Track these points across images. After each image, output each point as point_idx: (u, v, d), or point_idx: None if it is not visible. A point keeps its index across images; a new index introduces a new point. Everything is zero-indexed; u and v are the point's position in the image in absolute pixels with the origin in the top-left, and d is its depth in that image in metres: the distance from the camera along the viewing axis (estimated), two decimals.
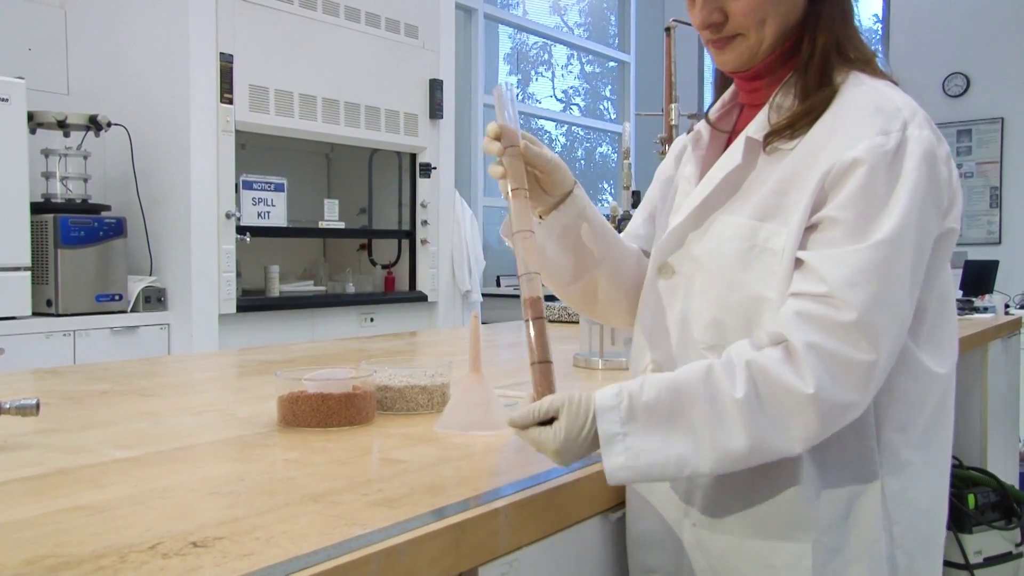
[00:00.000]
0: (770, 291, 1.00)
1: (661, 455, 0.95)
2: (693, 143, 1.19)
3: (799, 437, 0.94)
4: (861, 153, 0.96)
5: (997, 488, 2.96)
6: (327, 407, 1.31)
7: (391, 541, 0.82)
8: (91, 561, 0.75)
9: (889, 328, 0.94)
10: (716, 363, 0.97)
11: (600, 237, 1.21)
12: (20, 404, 1.18)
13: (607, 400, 0.97)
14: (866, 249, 0.94)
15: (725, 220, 1.07)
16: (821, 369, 0.92)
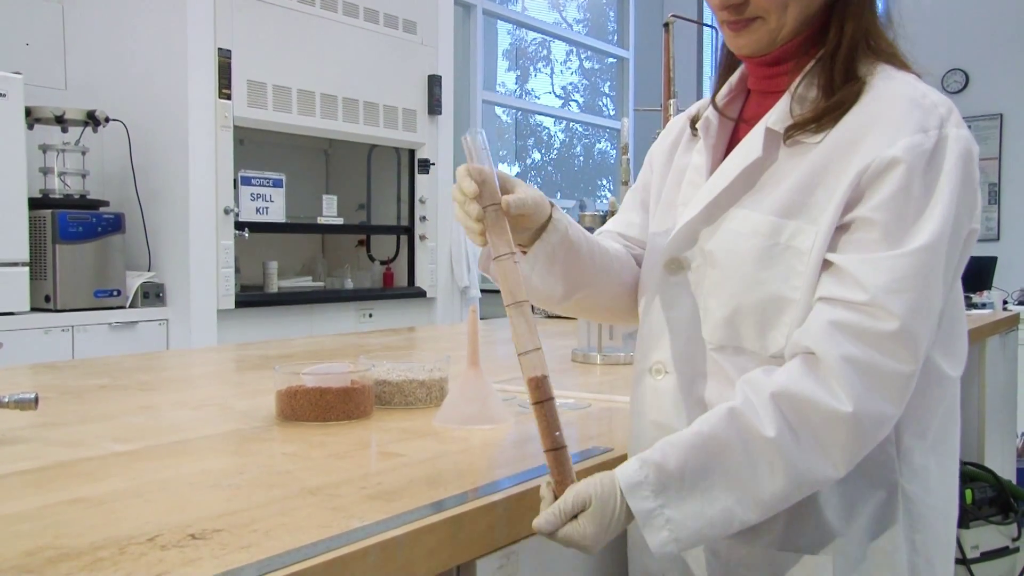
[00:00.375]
0: (792, 292, 0.95)
1: (704, 518, 0.90)
2: (703, 131, 1.11)
3: (841, 460, 0.90)
4: (900, 152, 0.91)
5: (994, 484, 2.96)
6: (325, 401, 1.32)
7: (389, 534, 0.83)
8: (90, 553, 0.75)
9: (927, 337, 0.91)
10: (737, 405, 0.92)
11: (586, 256, 1.12)
12: (19, 398, 1.18)
13: (632, 476, 0.91)
14: (906, 256, 0.89)
15: (741, 215, 1.01)
16: (858, 383, 0.88)
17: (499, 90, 6.45)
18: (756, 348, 0.98)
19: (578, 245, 1.09)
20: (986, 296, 4.98)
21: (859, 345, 0.89)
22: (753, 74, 1.10)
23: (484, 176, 0.98)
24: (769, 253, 0.97)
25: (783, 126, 1.00)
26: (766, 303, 0.97)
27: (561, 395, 1.56)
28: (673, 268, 1.07)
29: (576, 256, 1.09)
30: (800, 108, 1.00)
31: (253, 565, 0.73)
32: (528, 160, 7.14)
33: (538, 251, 1.06)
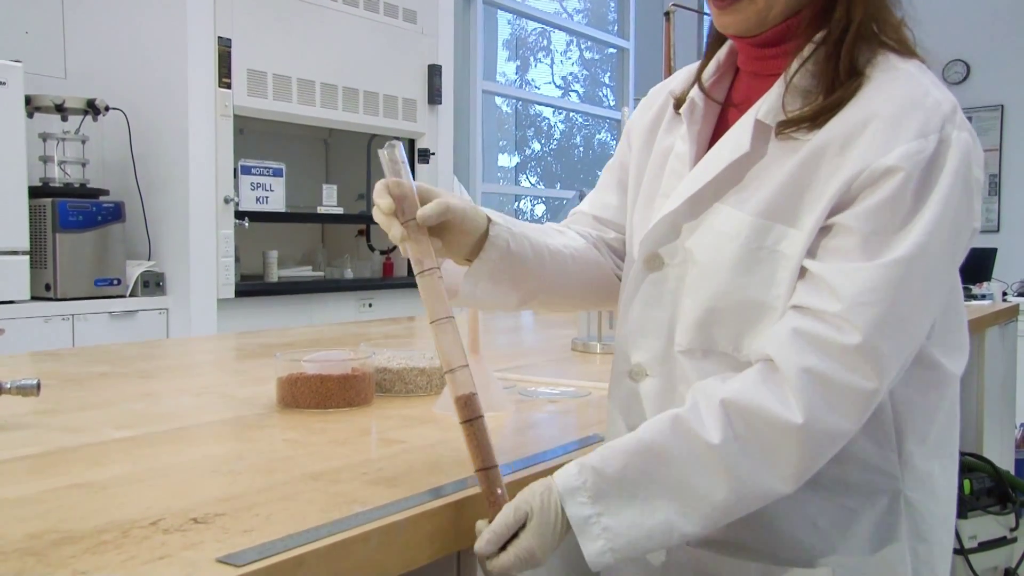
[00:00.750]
0: (774, 300, 0.91)
1: (643, 528, 0.86)
2: (687, 115, 1.03)
3: (788, 475, 0.86)
4: (896, 160, 0.85)
5: (992, 474, 2.97)
6: (326, 389, 1.32)
7: (391, 518, 0.83)
8: (93, 536, 0.76)
9: (894, 353, 0.86)
10: (681, 411, 0.88)
11: (535, 266, 1.05)
12: (21, 384, 1.18)
13: (570, 480, 0.88)
14: (879, 268, 0.85)
15: (725, 213, 0.95)
16: (814, 396, 0.84)
17: (499, 80, 6.44)
18: (729, 350, 0.94)
19: (523, 257, 1.03)
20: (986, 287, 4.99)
21: (821, 357, 0.84)
22: (743, 54, 1.03)
23: (403, 190, 0.94)
24: (753, 257, 0.92)
25: (774, 120, 0.93)
26: (745, 308, 0.92)
27: (561, 383, 1.57)
28: (653, 264, 1.02)
29: (523, 268, 1.03)
30: (795, 101, 0.93)
31: (255, 548, 0.73)
32: (528, 150, 7.13)
33: (478, 269, 1.00)
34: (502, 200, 6.62)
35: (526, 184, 7.11)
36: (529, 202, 7.10)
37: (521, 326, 2.64)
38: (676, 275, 0.99)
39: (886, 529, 0.95)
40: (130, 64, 3.63)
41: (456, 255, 1.00)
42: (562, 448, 1.12)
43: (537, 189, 7.14)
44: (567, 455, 1.09)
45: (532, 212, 7.06)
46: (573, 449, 1.12)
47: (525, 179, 7.14)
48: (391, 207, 0.93)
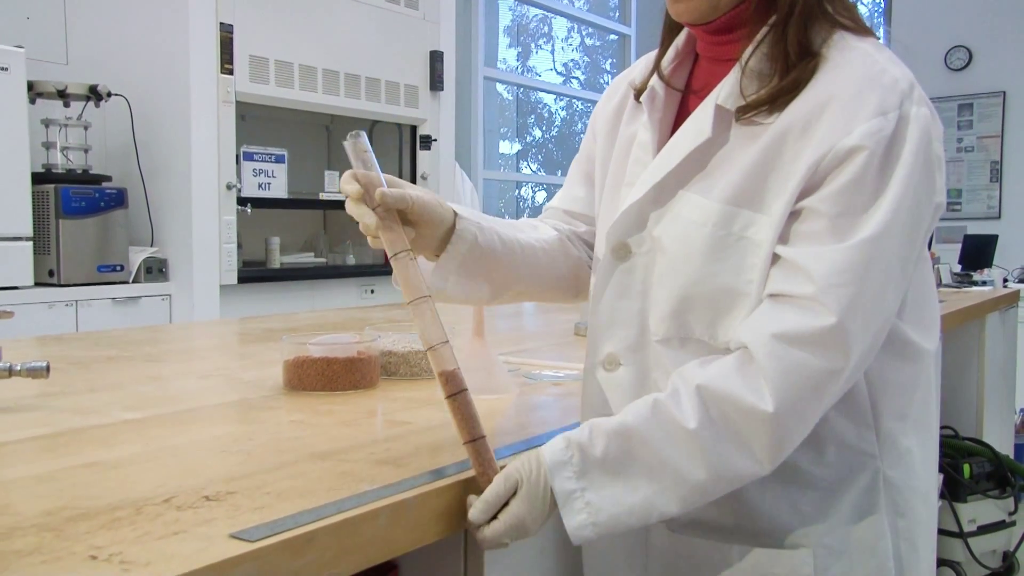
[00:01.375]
0: (746, 285, 0.92)
1: (624, 505, 0.88)
2: (648, 104, 1.03)
3: (763, 458, 0.87)
4: (858, 140, 0.86)
5: (992, 458, 2.99)
6: (332, 371, 1.33)
7: (399, 496, 0.84)
8: (107, 513, 0.77)
9: (864, 334, 0.87)
10: (661, 396, 0.90)
11: (505, 259, 1.06)
12: (31, 366, 1.19)
13: (557, 455, 0.90)
14: (849, 249, 0.86)
15: (691, 201, 0.95)
16: (784, 381, 0.85)
17: (500, 67, 6.43)
18: (705, 337, 0.95)
19: (492, 250, 1.03)
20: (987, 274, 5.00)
21: (793, 341, 0.86)
22: (701, 40, 1.03)
23: (369, 179, 0.94)
24: (721, 244, 0.92)
25: (734, 104, 0.94)
26: (718, 295, 0.93)
27: (564, 367, 1.58)
28: (621, 254, 1.02)
29: (494, 260, 1.04)
30: (752, 84, 0.93)
31: (267, 524, 0.74)
32: (528, 137, 7.13)
33: (446, 263, 1.00)
34: (503, 187, 6.62)
35: (527, 171, 7.11)
36: (531, 189, 7.10)
37: (523, 311, 2.65)
38: (644, 264, 1.00)
39: (865, 506, 0.97)
40: (132, 50, 3.63)
41: (424, 249, 1.01)
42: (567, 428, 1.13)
43: (538, 176, 7.14)
44: None
45: (533, 199, 7.07)
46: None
47: (526, 166, 7.14)
48: (359, 192, 0.94)
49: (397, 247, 0.95)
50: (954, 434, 3.09)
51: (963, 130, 6.33)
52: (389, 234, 0.95)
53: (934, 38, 6.33)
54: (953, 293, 3.31)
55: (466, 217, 1.02)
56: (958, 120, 6.33)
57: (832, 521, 0.96)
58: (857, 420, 0.96)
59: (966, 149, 6.34)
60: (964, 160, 6.35)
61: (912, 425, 1.00)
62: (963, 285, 3.87)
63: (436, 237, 1.00)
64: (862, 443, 0.97)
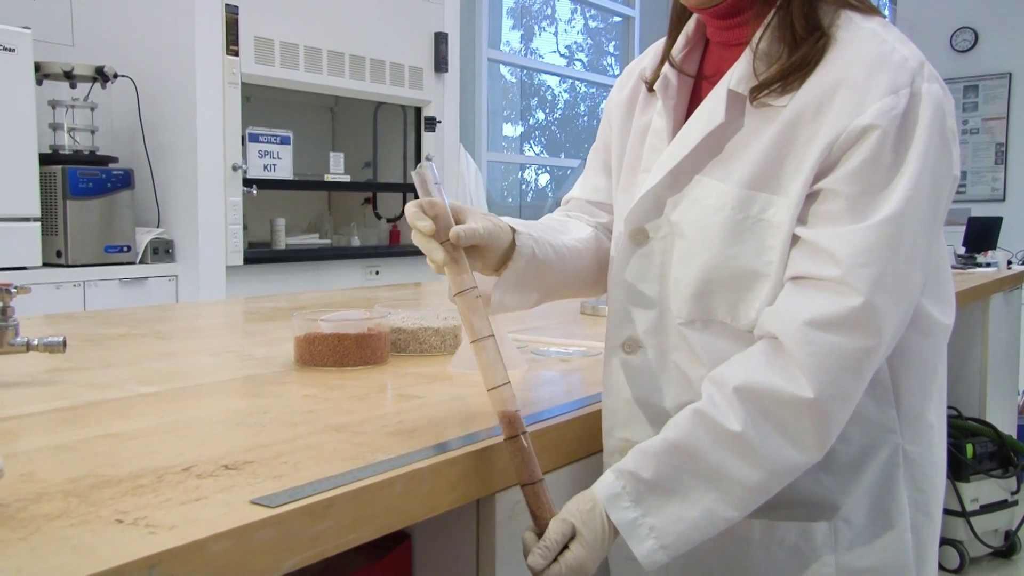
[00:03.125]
0: (765, 267, 0.92)
1: (687, 521, 0.89)
2: (662, 91, 1.05)
3: (812, 444, 0.88)
4: (871, 119, 0.87)
5: (995, 438, 3.01)
6: (343, 347, 1.35)
7: (414, 466, 0.86)
8: (130, 480, 0.79)
9: (893, 310, 0.88)
10: (700, 405, 0.91)
11: (558, 266, 1.07)
12: (48, 341, 1.21)
13: (610, 488, 0.91)
14: (871, 228, 0.86)
15: (709, 185, 0.96)
16: (820, 366, 0.86)
17: (504, 49, 6.41)
18: (728, 319, 0.96)
19: (547, 261, 1.05)
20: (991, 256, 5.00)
21: (823, 326, 0.86)
22: (710, 26, 1.04)
23: (437, 211, 0.94)
24: (740, 227, 0.93)
25: (746, 87, 0.94)
26: (738, 277, 0.94)
27: (572, 344, 1.60)
28: (639, 239, 1.03)
29: (547, 270, 1.05)
30: (763, 65, 0.94)
31: (287, 491, 0.76)
32: (532, 120, 7.12)
33: (508, 277, 1.01)
34: (507, 169, 6.62)
35: (530, 154, 7.11)
36: (534, 171, 7.10)
37: None
38: (663, 248, 1.01)
39: (886, 481, 0.99)
40: (138, 32, 3.63)
41: (484, 268, 1.01)
42: (575, 403, 1.15)
43: (541, 158, 7.13)
44: (580, 408, 1.12)
45: (536, 181, 7.07)
46: (583, 406, 1.14)
47: (529, 148, 7.13)
48: (431, 229, 0.93)
49: (464, 284, 0.94)
50: (957, 414, 3.11)
51: (968, 112, 6.32)
52: (456, 270, 0.94)
53: (940, 19, 6.31)
54: (957, 274, 3.32)
55: (523, 232, 1.02)
56: (963, 102, 6.32)
57: (853, 495, 0.98)
58: (879, 397, 0.98)
59: (971, 131, 6.33)
60: (969, 142, 6.34)
61: (934, 400, 1.02)
62: (967, 267, 3.88)
63: (496, 257, 1.00)
64: (883, 419, 0.98)
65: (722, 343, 0.96)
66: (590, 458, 1.12)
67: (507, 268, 1.01)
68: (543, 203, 6.55)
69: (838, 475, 0.98)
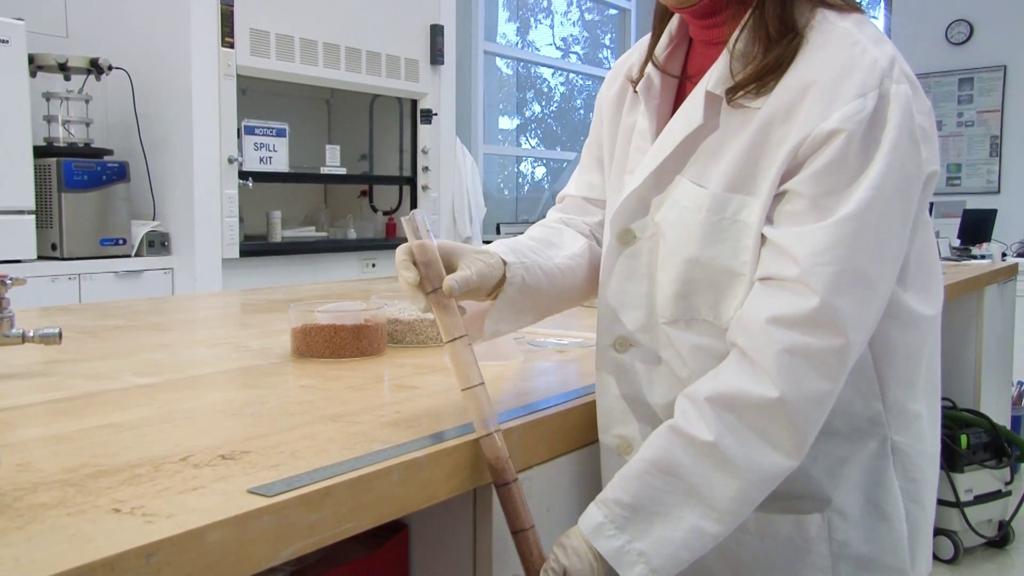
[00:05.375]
0: (742, 266, 0.93)
1: (675, 542, 0.88)
2: (644, 93, 1.06)
3: (788, 448, 0.88)
4: (837, 123, 0.87)
5: (989, 429, 3.02)
6: (339, 338, 1.35)
7: (411, 455, 0.86)
8: (127, 470, 0.79)
9: (855, 309, 0.87)
10: (674, 420, 0.91)
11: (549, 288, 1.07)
12: (44, 333, 1.21)
13: (593, 519, 0.91)
14: (828, 227, 0.87)
15: (686, 188, 0.97)
16: (786, 367, 0.86)
17: (500, 41, 6.40)
18: (710, 317, 0.96)
19: (538, 287, 1.05)
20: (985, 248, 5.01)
21: (784, 323, 0.87)
22: (691, 24, 1.05)
23: (428, 256, 0.95)
24: (716, 228, 0.94)
25: (723, 88, 0.95)
26: (717, 277, 0.95)
27: (568, 335, 1.60)
28: (626, 239, 1.04)
29: (538, 294, 1.05)
30: (739, 66, 0.94)
31: (284, 480, 0.76)
32: (528, 112, 7.11)
33: (500, 308, 1.02)
34: (503, 162, 6.62)
35: (527, 146, 7.10)
36: (530, 164, 7.10)
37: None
38: (649, 248, 1.02)
39: (876, 473, 0.99)
40: (132, 23, 3.62)
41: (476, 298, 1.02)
42: (571, 393, 1.15)
43: (538, 151, 7.13)
44: (577, 399, 1.12)
45: (532, 174, 7.07)
46: (580, 396, 1.15)
47: (525, 141, 7.13)
48: (415, 280, 0.94)
49: (453, 332, 0.95)
50: (952, 405, 3.12)
51: (963, 104, 6.32)
52: (444, 317, 0.95)
53: (935, 12, 6.31)
54: (952, 266, 3.33)
55: (514, 263, 1.02)
56: (958, 94, 6.32)
57: (844, 487, 0.99)
58: (864, 390, 0.98)
59: (966, 124, 6.34)
60: (964, 135, 6.34)
61: (920, 391, 1.02)
62: (962, 259, 3.89)
63: (488, 288, 1.01)
64: (869, 412, 0.99)
65: (706, 341, 0.97)
66: (586, 448, 1.12)
67: (498, 299, 1.01)
68: (539, 196, 6.55)
69: (828, 468, 0.98)
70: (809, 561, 0.98)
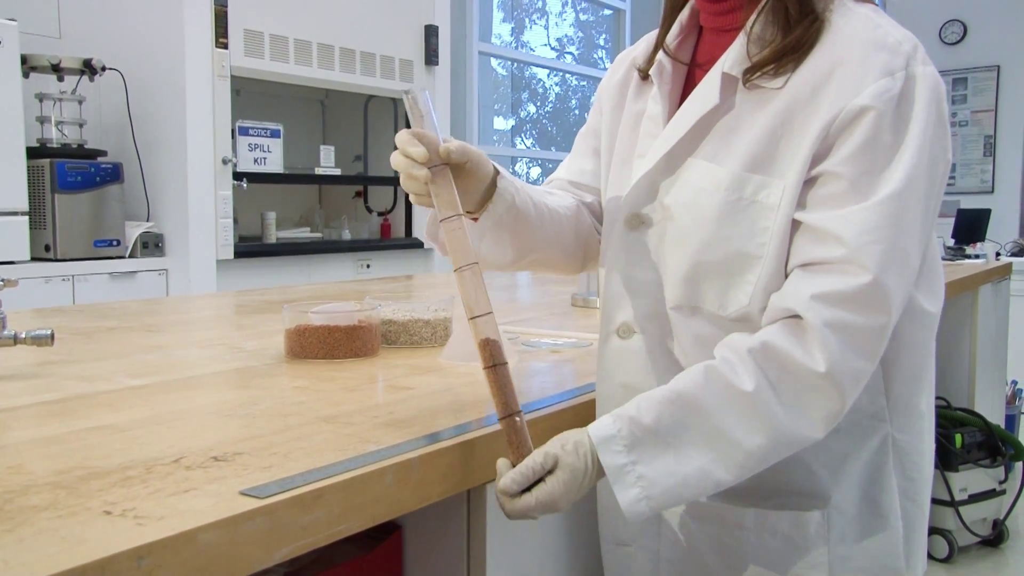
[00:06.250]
0: (758, 248, 0.92)
1: (678, 476, 0.87)
2: (656, 77, 1.05)
3: (819, 419, 0.87)
4: (868, 100, 0.87)
5: (983, 428, 3.03)
6: (333, 339, 1.35)
7: (404, 456, 0.86)
8: (119, 472, 0.79)
9: (900, 286, 0.88)
10: (713, 362, 0.89)
11: (535, 221, 1.06)
12: (36, 334, 1.20)
13: (605, 430, 0.89)
14: (876, 206, 0.86)
15: (702, 168, 0.96)
16: (834, 344, 0.85)
17: (494, 42, 6.40)
18: (714, 308, 0.96)
19: (526, 212, 1.04)
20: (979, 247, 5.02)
21: (833, 301, 0.86)
22: (704, 11, 1.04)
23: (429, 139, 0.94)
24: (733, 208, 0.93)
25: (740, 69, 0.94)
26: (730, 260, 0.94)
27: (563, 335, 1.60)
28: (634, 224, 1.03)
29: (525, 223, 1.04)
30: (757, 49, 0.94)
31: (276, 482, 0.76)
32: (523, 113, 7.11)
33: (486, 221, 1.01)
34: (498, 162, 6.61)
35: (522, 147, 7.10)
36: (525, 164, 7.09)
37: (519, 284, 2.66)
38: (658, 233, 1.01)
39: (875, 470, 0.99)
40: (126, 24, 3.61)
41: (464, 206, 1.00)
42: (565, 394, 1.15)
43: (533, 151, 7.13)
44: (572, 399, 1.12)
45: (528, 175, 7.06)
46: (574, 396, 1.15)
47: (520, 142, 7.13)
48: (425, 156, 0.93)
49: (449, 211, 0.94)
50: (946, 404, 3.12)
51: (957, 104, 6.34)
52: (443, 193, 0.94)
53: (929, 12, 6.32)
54: (946, 266, 3.33)
55: (505, 177, 1.02)
56: (952, 94, 6.33)
57: (844, 484, 0.98)
58: (869, 386, 0.96)
59: (960, 123, 6.35)
60: (958, 134, 6.36)
61: (925, 389, 1.02)
62: (956, 258, 3.90)
63: (476, 193, 1.00)
64: (873, 408, 0.98)
65: (708, 331, 0.96)
66: None
67: (486, 210, 1.01)
68: None
69: (829, 464, 0.98)
70: (807, 559, 0.98)
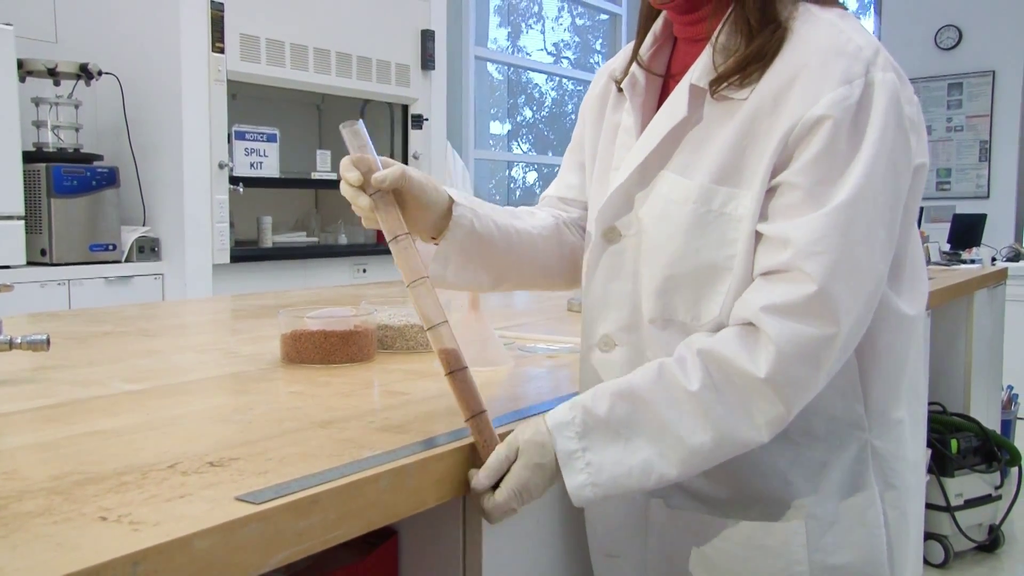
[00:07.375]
0: (727, 261, 0.93)
1: (624, 466, 0.90)
2: (629, 90, 1.06)
3: (762, 424, 0.89)
4: (824, 109, 0.87)
5: (979, 434, 3.03)
6: (329, 344, 1.35)
7: (400, 462, 0.86)
8: (114, 477, 0.78)
9: (850, 298, 0.87)
10: (668, 360, 0.92)
11: (503, 246, 1.07)
12: (31, 339, 1.20)
13: (560, 416, 0.92)
14: (825, 215, 0.87)
15: (672, 180, 0.97)
16: (779, 351, 0.86)
17: (491, 47, 6.41)
18: (687, 319, 0.97)
19: (489, 237, 1.05)
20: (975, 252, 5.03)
21: (783, 314, 0.87)
22: (675, 22, 1.05)
23: (368, 165, 0.97)
24: (702, 221, 0.94)
25: (706, 81, 0.95)
26: (700, 272, 0.95)
27: (558, 340, 1.60)
28: (611, 237, 1.04)
29: (491, 248, 1.06)
30: (722, 59, 0.95)
31: (272, 488, 0.76)
32: (519, 117, 7.12)
33: (447, 249, 1.03)
34: (494, 167, 6.62)
35: (518, 151, 7.11)
36: (521, 169, 7.10)
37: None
38: (634, 245, 1.02)
39: (855, 477, 0.99)
40: (122, 28, 3.61)
41: (420, 231, 1.03)
42: (562, 399, 1.15)
43: (529, 156, 7.14)
44: None
45: (524, 180, 7.07)
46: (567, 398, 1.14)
47: (517, 146, 7.14)
48: (359, 180, 0.97)
49: (395, 230, 0.97)
50: (942, 410, 3.12)
51: (952, 110, 6.35)
52: (387, 217, 0.97)
53: (924, 17, 6.34)
54: (942, 271, 3.34)
55: (461, 203, 1.03)
56: (947, 99, 6.35)
57: (822, 492, 0.98)
58: (846, 392, 0.98)
59: (955, 129, 6.37)
60: (953, 140, 6.37)
61: (904, 396, 1.02)
62: (952, 264, 3.90)
63: (431, 221, 1.02)
64: (850, 415, 0.98)
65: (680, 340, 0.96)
66: None
67: (445, 237, 1.02)
68: (531, 201, 6.53)
69: (807, 473, 0.98)
70: (787, 568, 0.97)
